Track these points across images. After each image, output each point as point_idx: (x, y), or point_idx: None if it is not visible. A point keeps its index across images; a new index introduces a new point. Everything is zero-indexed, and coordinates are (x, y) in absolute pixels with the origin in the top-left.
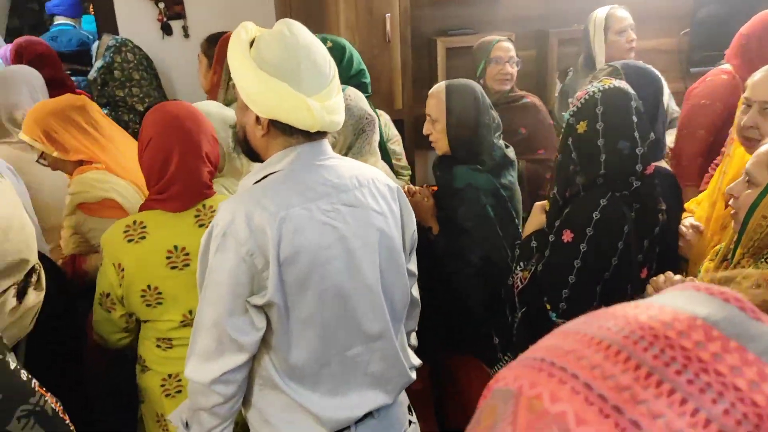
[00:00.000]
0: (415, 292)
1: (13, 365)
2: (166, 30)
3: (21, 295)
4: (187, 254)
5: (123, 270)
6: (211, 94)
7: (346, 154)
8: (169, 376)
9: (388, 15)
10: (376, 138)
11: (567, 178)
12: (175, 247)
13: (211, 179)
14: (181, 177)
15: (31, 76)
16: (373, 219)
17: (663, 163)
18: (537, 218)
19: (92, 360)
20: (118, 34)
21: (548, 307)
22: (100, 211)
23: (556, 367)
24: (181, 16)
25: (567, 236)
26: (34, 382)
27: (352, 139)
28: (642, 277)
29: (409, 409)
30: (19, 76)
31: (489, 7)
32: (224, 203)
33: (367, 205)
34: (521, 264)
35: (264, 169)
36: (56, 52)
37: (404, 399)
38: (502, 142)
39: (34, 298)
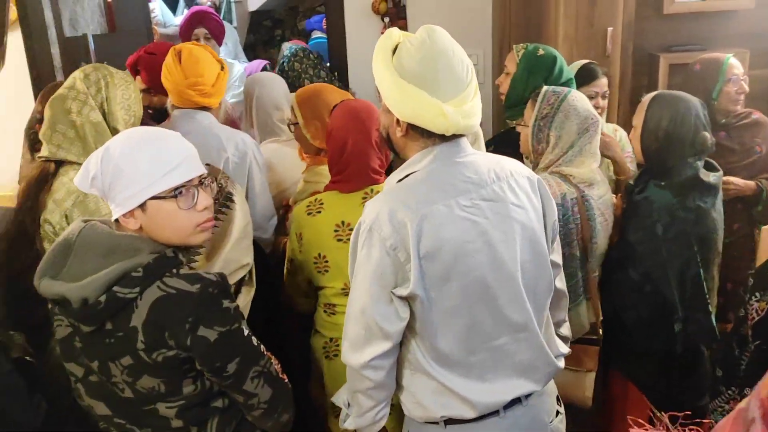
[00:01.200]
0: (560, 283)
1: (246, 332)
2: None
3: (235, 294)
4: (351, 229)
5: (302, 239)
6: None
7: (566, 153)
8: (330, 339)
9: (610, 28)
10: (597, 140)
11: None
12: (342, 222)
13: (380, 166)
14: (354, 160)
15: (282, 81)
16: (513, 212)
17: None
18: None
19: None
20: (346, 46)
21: None
22: None
23: None
24: (403, 29)
25: None
26: (262, 347)
27: (576, 138)
28: None
29: (558, 401)
30: (278, 81)
31: (723, 21)
32: (370, 202)
33: (506, 199)
34: (756, 294)
35: (406, 169)
36: None
37: (553, 389)
38: (699, 164)
39: (245, 296)
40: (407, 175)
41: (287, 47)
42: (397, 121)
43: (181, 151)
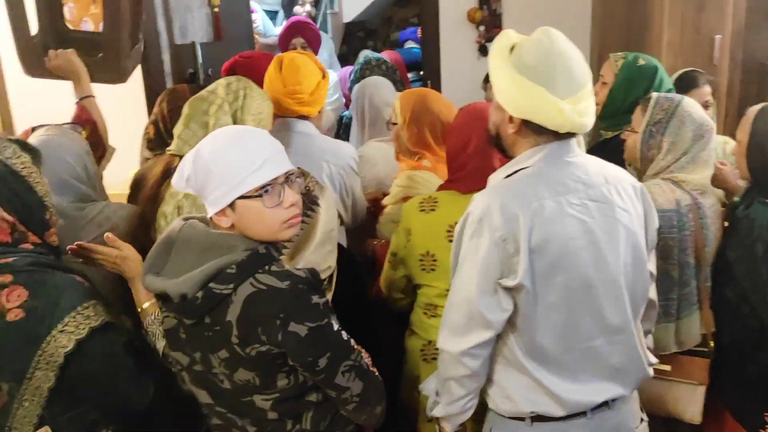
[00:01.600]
0: (653, 293)
1: (336, 326)
2: (483, 51)
3: None
4: None
5: (410, 235)
6: None
7: (678, 159)
8: (429, 342)
9: (718, 36)
10: (711, 148)
11: None
12: (456, 223)
13: (500, 167)
14: (475, 158)
15: (390, 84)
16: (619, 215)
17: None
18: None
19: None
20: (439, 55)
21: None
22: None
23: None
24: None
25: None
26: (352, 341)
27: (690, 144)
28: None
29: (641, 408)
30: (388, 83)
31: None
32: (479, 194)
33: (614, 202)
34: None
35: (514, 165)
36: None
37: (636, 395)
38: None
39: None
40: (515, 172)
41: (363, 55)
42: (510, 118)
43: (266, 149)
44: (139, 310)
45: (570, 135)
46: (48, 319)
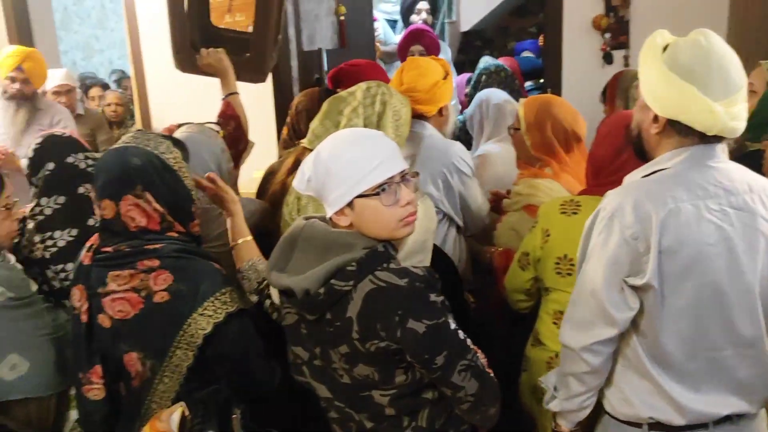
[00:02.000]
0: None
1: (453, 325)
2: (607, 59)
3: None
4: None
5: (548, 236)
6: None
7: None
8: (557, 355)
9: None
10: None
11: None
12: None
13: None
14: (630, 165)
15: None
16: (761, 225)
17: None
18: None
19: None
20: (561, 63)
21: None
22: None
23: None
24: (624, 46)
25: None
26: (469, 341)
27: None
28: None
29: None
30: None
31: None
32: (612, 192)
33: (756, 211)
34: None
35: (653, 166)
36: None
37: (764, 414)
38: None
39: None
40: (653, 172)
41: (483, 61)
42: (655, 117)
43: (382, 149)
44: (232, 244)
45: (717, 139)
46: (190, 302)
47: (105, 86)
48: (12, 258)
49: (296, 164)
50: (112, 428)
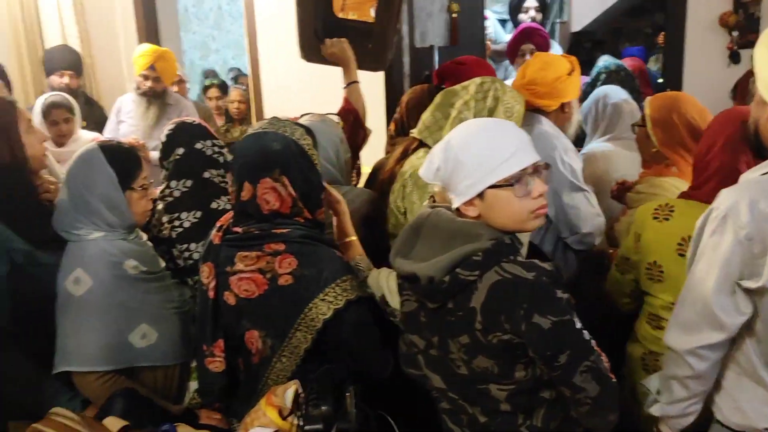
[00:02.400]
0: None
1: (578, 324)
2: (734, 58)
3: None
4: None
5: (640, 240)
6: None
7: None
8: (650, 352)
9: None
10: None
11: None
12: (689, 238)
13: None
14: (719, 158)
15: None
16: None
17: None
18: None
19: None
20: (683, 62)
21: None
22: None
23: None
24: (753, 44)
25: None
26: (593, 342)
27: None
28: None
29: None
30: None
31: None
32: (726, 190)
33: None
34: None
35: None
36: None
37: None
38: None
39: None
40: None
41: (603, 59)
42: None
43: (515, 140)
44: (346, 240)
45: None
46: (313, 287)
47: (222, 87)
48: (144, 236)
49: (404, 153)
50: (229, 400)
